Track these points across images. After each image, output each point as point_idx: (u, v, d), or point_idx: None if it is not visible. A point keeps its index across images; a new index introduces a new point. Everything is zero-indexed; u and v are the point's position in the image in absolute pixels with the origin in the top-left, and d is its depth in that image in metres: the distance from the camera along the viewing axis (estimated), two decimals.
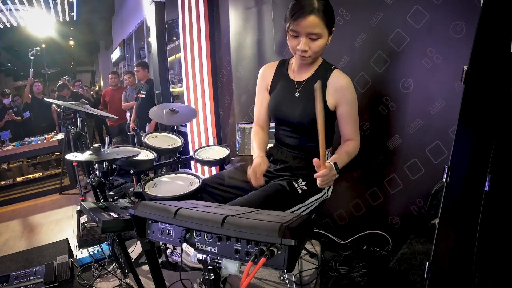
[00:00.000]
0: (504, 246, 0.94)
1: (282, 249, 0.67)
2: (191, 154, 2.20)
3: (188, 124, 3.39)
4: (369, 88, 1.81)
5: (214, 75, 2.98)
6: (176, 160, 2.08)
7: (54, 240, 2.36)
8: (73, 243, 2.35)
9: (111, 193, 1.59)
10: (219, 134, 3.10)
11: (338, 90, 1.27)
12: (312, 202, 1.33)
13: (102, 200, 1.58)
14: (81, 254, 1.99)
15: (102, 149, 1.51)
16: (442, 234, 1.04)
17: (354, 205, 2.00)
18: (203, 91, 3.08)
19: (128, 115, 4.81)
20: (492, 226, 0.95)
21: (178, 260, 1.86)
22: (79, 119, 2.46)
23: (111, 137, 4.27)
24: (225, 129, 3.06)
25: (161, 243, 1.62)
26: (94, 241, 2.06)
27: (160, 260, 1.83)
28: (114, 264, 1.82)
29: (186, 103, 3.40)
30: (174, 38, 4.59)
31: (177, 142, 2.11)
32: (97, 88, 9.82)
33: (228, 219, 0.72)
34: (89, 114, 2.52)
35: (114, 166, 1.71)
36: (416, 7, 1.55)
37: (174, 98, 4.58)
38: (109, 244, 1.59)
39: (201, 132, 3.20)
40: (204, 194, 1.45)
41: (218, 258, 0.76)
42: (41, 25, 7.01)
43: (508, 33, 0.88)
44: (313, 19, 1.14)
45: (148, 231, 0.86)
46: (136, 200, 1.56)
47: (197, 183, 1.53)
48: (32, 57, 5.09)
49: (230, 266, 0.75)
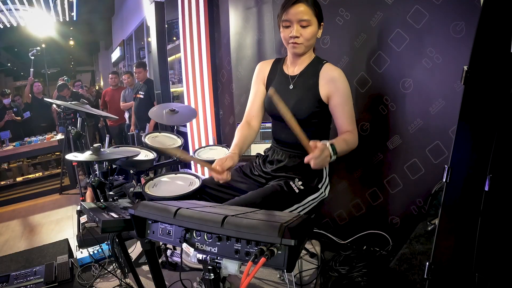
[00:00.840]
0: (504, 246, 0.94)
1: (282, 249, 0.67)
2: (191, 154, 2.20)
3: (188, 124, 3.39)
4: (369, 88, 1.81)
5: (214, 75, 2.98)
6: (176, 160, 2.08)
7: (54, 240, 2.36)
8: (73, 243, 2.35)
9: (111, 193, 1.59)
10: (219, 134, 3.10)
11: (330, 81, 1.30)
12: (309, 202, 1.33)
13: (102, 200, 1.58)
14: (81, 254, 1.99)
15: (102, 149, 1.51)
16: (442, 234, 1.04)
17: (354, 205, 2.00)
18: (203, 91, 3.08)
19: (126, 115, 4.80)
20: (492, 226, 0.94)
21: (178, 260, 1.86)
22: (79, 119, 2.46)
23: (111, 137, 4.28)
24: (225, 129, 3.06)
25: (161, 243, 1.62)
26: (94, 241, 2.06)
27: (160, 260, 1.83)
28: (114, 264, 1.82)
29: (186, 103, 3.40)
30: (174, 38, 4.59)
31: (177, 142, 2.11)
32: (97, 87, 9.80)
33: (228, 219, 0.72)
34: (89, 114, 2.51)
35: (114, 166, 1.71)
36: (416, 7, 1.55)
37: (174, 98, 4.58)
38: (109, 244, 1.59)
39: (201, 132, 3.20)
40: (203, 195, 1.45)
41: (218, 258, 0.76)
42: (41, 25, 7.00)
43: (508, 33, 0.88)
44: (302, 6, 1.23)
45: (148, 231, 0.86)
46: (137, 200, 1.56)
47: (197, 183, 1.52)
48: (32, 57, 5.09)
49: (230, 266, 0.75)
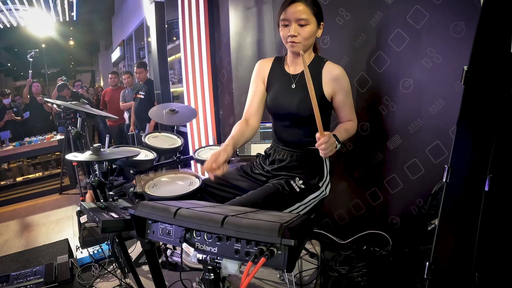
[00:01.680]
0: (504, 246, 0.94)
1: (282, 249, 0.67)
2: (191, 154, 2.20)
3: (188, 124, 3.38)
4: (369, 88, 1.81)
5: (214, 75, 2.98)
6: (176, 160, 2.08)
7: (54, 240, 2.36)
8: (73, 243, 2.35)
9: (111, 193, 1.59)
10: (219, 134, 3.10)
11: (334, 80, 1.32)
12: (311, 200, 1.34)
13: (102, 200, 1.58)
14: (81, 254, 1.99)
15: (102, 149, 1.51)
16: (442, 234, 1.04)
17: (354, 205, 2.00)
18: (203, 91, 3.08)
19: (125, 115, 4.78)
20: (492, 226, 0.95)
21: (178, 260, 1.86)
22: (79, 119, 2.46)
23: (111, 137, 4.27)
24: (225, 129, 3.06)
25: (161, 243, 1.62)
26: (94, 241, 2.06)
27: (160, 260, 1.83)
28: (114, 264, 1.82)
29: (186, 103, 3.40)
30: (174, 38, 4.59)
31: (177, 142, 2.11)
32: (96, 86, 9.80)
33: (228, 219, 0.72)
34: (89, 114, 2.51)
35: (114, 166, 1.71)
36: (416, 7, 1.55)
37: (174, 98, 4.57)
38: (109, 244, 1.59)
39: (201, 132, 3.20)
40: (204, 194, 1.45)
41: (218, 258, 0.76)
42: (41, 25, 7.00)
43: (508, 33, 0.88)
44: (300, 5, 1.23)
45: (148, 231, 0.86)
46: (137, 200, 1.56)
47: (197, 183, 1.52)
48: (31, 59, 5.08)
49: (230, 266, 0.75)
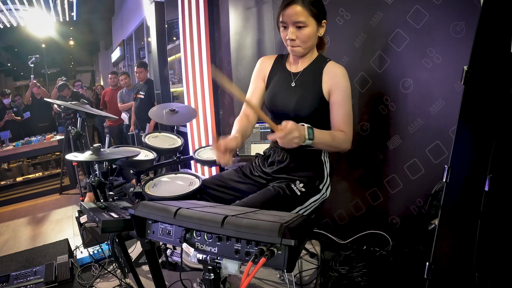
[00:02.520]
0: (504, 246, 0.94)
1: (282, 249, 0.67)
2: (191, 154, 2.20)
3: (188, 124, 3.38)
4: (369, 88, 1.81)
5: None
6: (176, 160, 2.08)
7: (54, 240, 2.36)
8: (73, 243, 2.35)
9: (111, 193, 1.59)
10: (219, 134, 3.10)
11: (332, 77, 1.28)
12: (311, 203, 1.33)
13: (102, 200, 1.58)
14: (81, 254, 1.99)
15: (102, 149, 1.51)
16: (442, 234, 1.04)
17: (354, 205, 2.00)
18: (203, 91, 3.08)
19: (124, 115, 4.75)
20: (492, 226, 0.95)
21: (178, 260, 1.86)
22: (79, 119, 2.46)
23: (111, 137, 4.27)
24: (225, 129, 3.06)
25: (161, 243, 1.62)
26: (94, 241, 2.06)
27: (160, 260, 1.83)
28: (114, 264, 1.82)
29: (186, 103, 3.40)
30: (174, 38, 4.59)
31: (177, 142, 2.11)
32: (96, 85, 9.80)
33: (228, 219, 0.72)
34: (89, 114, 2.51)
35: (114, 166, 1.71)
36: (416, 7, 1.55)
37: (174, 98, 4.57)
38: (109, 244, 1.59)
39: (201, 132, 3.20)
40: (204, 195, 1.44)
41: (218, 258, 0.76)
42: (41, 25, 7.01)
43: (508, 33, 0.88)
44: (296, 7, 1.19)
45: (148, 231, 0.86)
46: (137, 200, 1.56)
47: (197, 183, 1.52)
48: (32, 65, 5.10)
49: (230, 266, 0.75)
